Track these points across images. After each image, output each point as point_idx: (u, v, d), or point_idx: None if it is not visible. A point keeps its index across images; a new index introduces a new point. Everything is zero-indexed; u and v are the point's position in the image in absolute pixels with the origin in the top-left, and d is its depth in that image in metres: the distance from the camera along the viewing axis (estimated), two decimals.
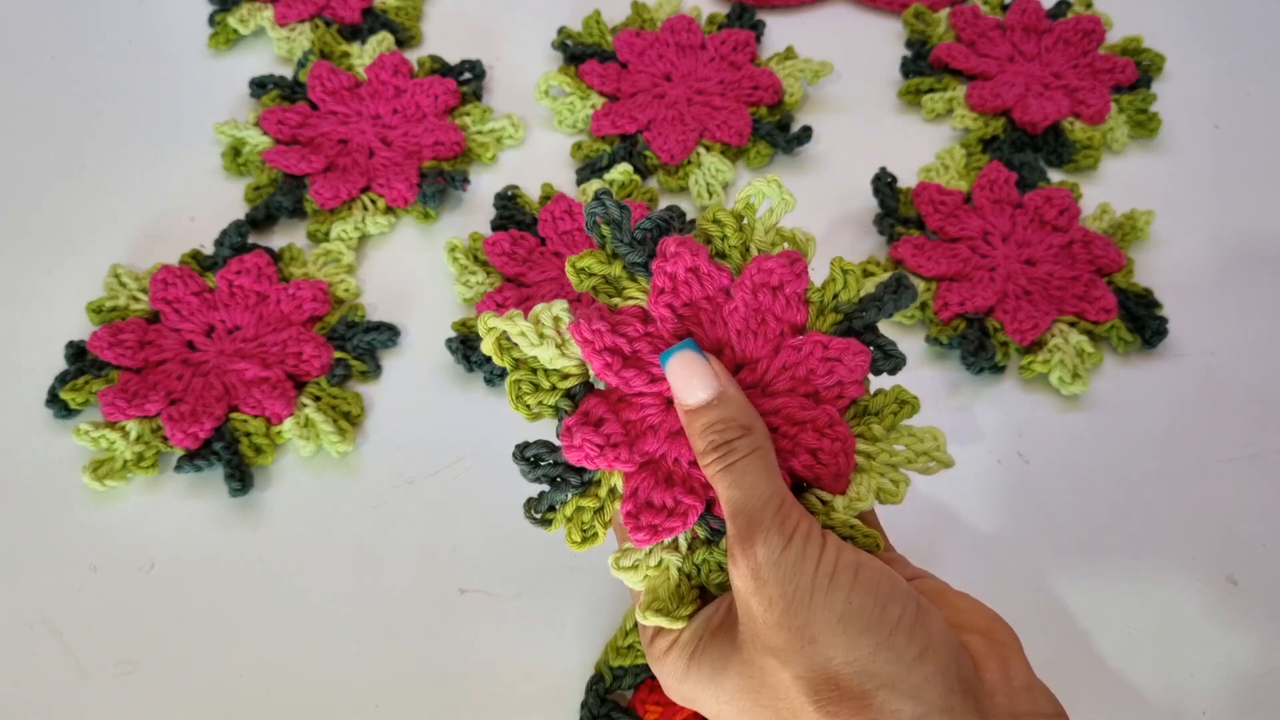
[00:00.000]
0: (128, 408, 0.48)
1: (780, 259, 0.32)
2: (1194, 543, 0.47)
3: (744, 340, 0.32)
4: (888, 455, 0.33)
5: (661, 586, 0.32)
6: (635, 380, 0.32)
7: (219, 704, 0.42)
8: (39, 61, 0.67)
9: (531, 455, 0.32)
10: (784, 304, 0.32)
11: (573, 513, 0.32)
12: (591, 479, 0.32)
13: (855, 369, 0.32)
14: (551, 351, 0.32)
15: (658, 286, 0.32)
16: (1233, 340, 0.53)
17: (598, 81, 0.63)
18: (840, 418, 0.32)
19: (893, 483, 0.33)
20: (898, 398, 0.33)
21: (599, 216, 0.33)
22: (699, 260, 0.32)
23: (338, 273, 0.55)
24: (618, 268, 0.33)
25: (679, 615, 0.31)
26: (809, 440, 0.32)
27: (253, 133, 0.60)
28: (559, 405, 0.32)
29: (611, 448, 0.31)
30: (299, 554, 0.46)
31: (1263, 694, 0.43)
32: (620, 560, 0.32)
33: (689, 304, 0.32)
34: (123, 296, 0.53)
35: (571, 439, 0.31)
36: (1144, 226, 0.56)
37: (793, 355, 0.32)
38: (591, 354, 0.31)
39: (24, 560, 0.46)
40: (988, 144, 0.62)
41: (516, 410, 0.32)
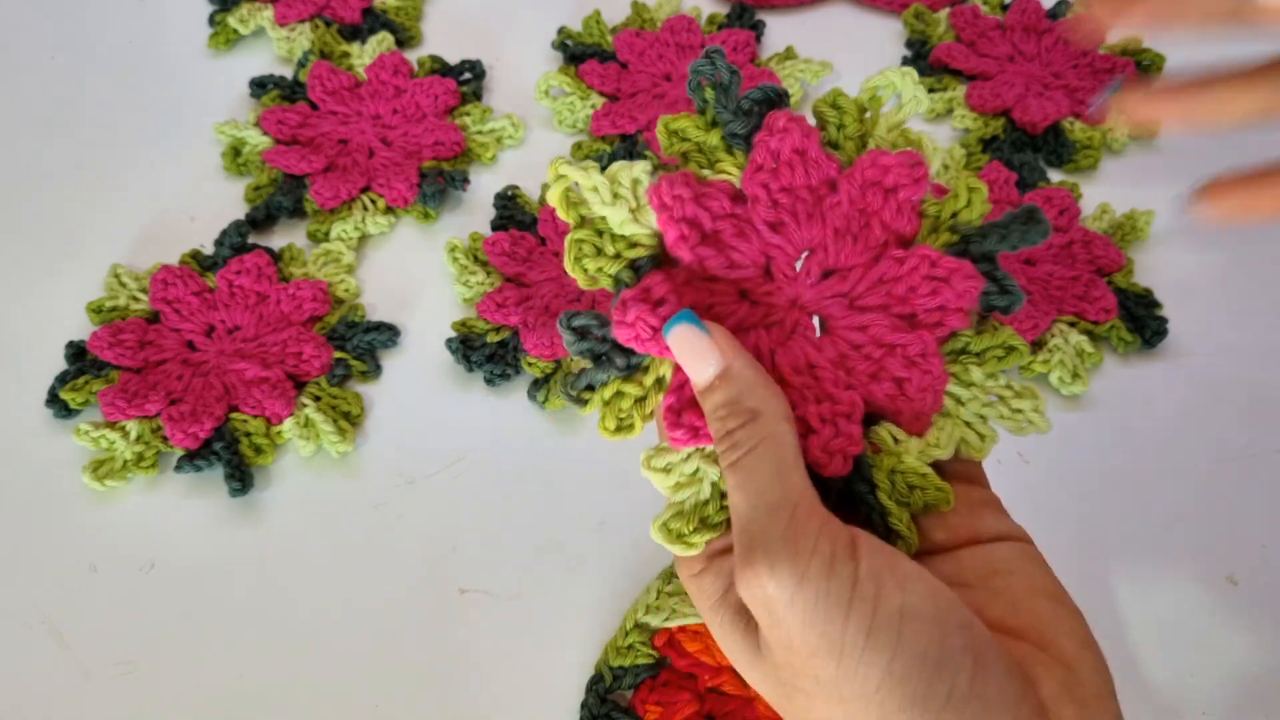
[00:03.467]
0: (128, 408, 0.48)
1: (900, 157, 0.28)
2: (1194, 543, 0.47)
3: (841, 242, 0.28)
4: (980, 404, 0.29)
5: (689, 499, 0.28)
6: (711, 261, 0.28)
7: (219, 704, 0.42)
8: (39, 61, 0.67)
9: (579, 324, 0.29)
10: (895, 209, 0.28)
11: (611, 396, 0.29)
12: (639, 364, 0.29)
13: (963, 295, 0.27)
14: (623, 214, 0.28)
15: (756, 162, 0.28)
16: (1233, 340, 0.53)
17: (598, 81, 0.63)
18: (936, 349, 0.28)
19: (979, 436, 0.29)
20: (1006, 341, 0.29)
21: (705, 77, 0.29)
22: (809, 142, 0.28)
23: (338, 273, 0.55)
24: (715, 136, 0.29)
25: (693, 541, 0.27)
26: (895, 368, 0.28)
27: (253, 133, 0.60)
28: (620, 275, 0.28)
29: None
30: (299, 554, 0.46)
31: (1263, 694, 0.43)
32: (653, 459, 0.28)
33: (787, 189, 0.28)
34: (123, 296, 0.53)
35: (625, 314, 0.27)
36: (1144, 226, 0.56)
37: (894, 267, 0.28)
38: (668, 222, 0.28)
39: (24, 560, 0.46)
40: (988, 144, 0.62)
41: (573, 273, 0.28)
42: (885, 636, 0.23)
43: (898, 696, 0.23)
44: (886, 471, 0.28)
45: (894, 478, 0.28)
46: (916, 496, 0.28)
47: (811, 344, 0.29)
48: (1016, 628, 0.26)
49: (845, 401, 0.28)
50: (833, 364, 0.28)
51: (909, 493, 0.28)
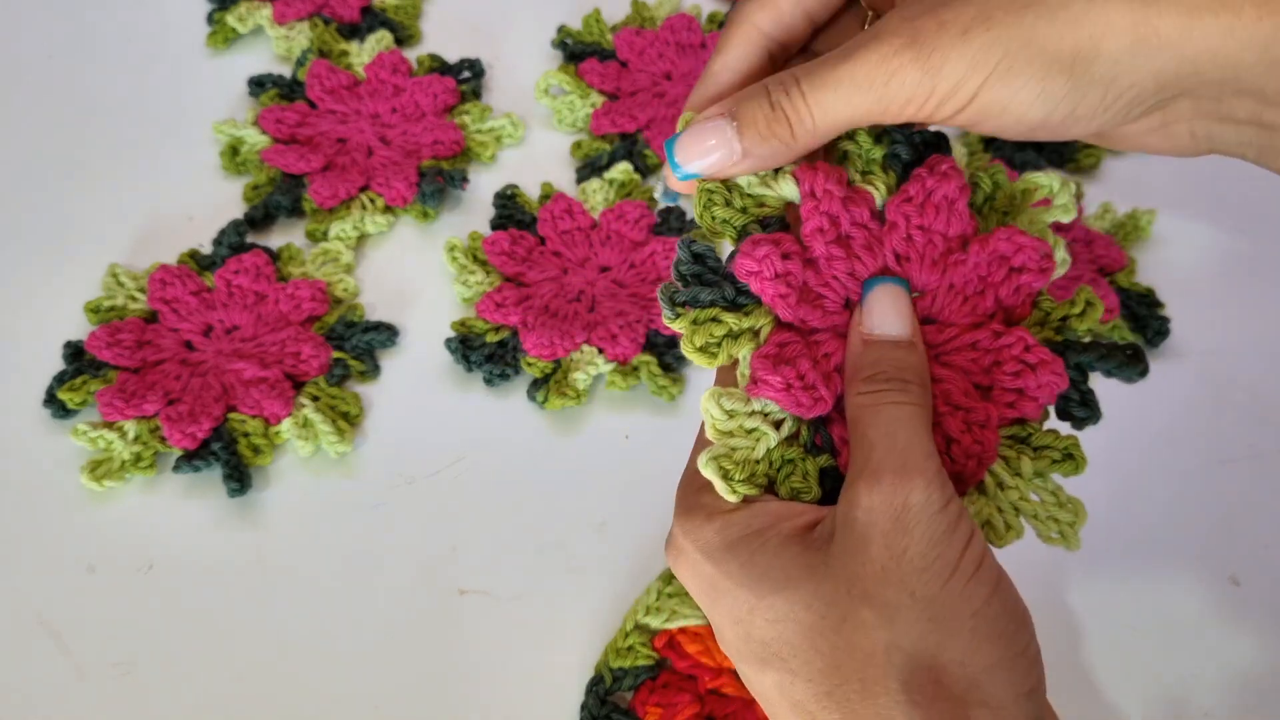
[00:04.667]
0: (125, 408, 0.48)
1: (1036, 242, 0.29)
2: (1196, 543, 0.47)
3: (952, 299, 0.29)
4: (1018, 497, 0.29)
5: (741, 451, 0.28)
6: (838, 263, 0.29)
7: (218, 704, 0.42)
8: (37, 61, 0.67)
9: (698, 249, 0.29)
10: (1013, 288, 0.29)
11: (705, 319, 0.29)
12: (743, 305, 0.29)
13: (1045, 387, 0.28)
14: (755, 176, 0.29)
15: (907, 193, 0.29)
16: (1235, 340, 0.53)
17: (597, 80, 0.63)
18: (997, 425, 0.28)
19: (1005, 525, 0.29)
20: (1067, 448, 0.29)
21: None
22: (961, 196, 0.29)
23: (336, 272, 0.55)
24: (879, 151, 0.30)
25: (737, 487, 0.28)
26: (952, 427, 0.28)
27: (251, 131, 0.60)
28: (746, 228, 0.29)
29: (785, 284, 0.28)
30: (298, 554, 0.46)
31: (1265, 695, 0.43)
32: (722, 399, 0.29)
33: (924, 229, 0.29)
34: (120, 296, 0.53)
35: (754, 250, 0.28)
36: (1146, 226, 0.56)
37: (989, 339, 0.29)
38: (811, 210, 0.29)
39: (21, 561, 0.46)
40: (989, 143, 0.62)
41: (700, 219, 0.29)
42: (988, 576, 0.25)
43: (991, 628, 0.25)
44: None
45: None
46: None
47: None
48: None
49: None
50: None
51: None
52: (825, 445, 0.29)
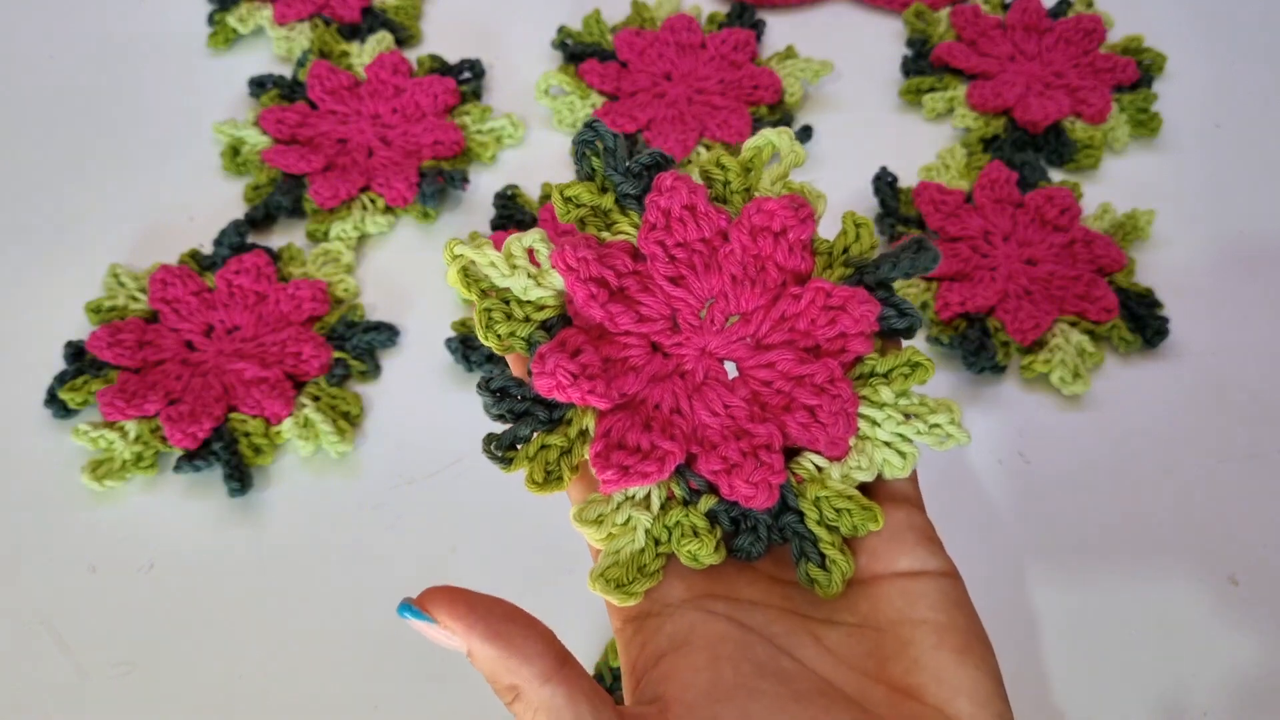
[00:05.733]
0: (126, 408, 0.48)
1: (783, 201, 0.29)
2: (1195, 543, 0.47)
3: (740, 289, 0.30)
4: (895, 423, 0.29)
5: (625, 549, 0.29)
6: (621, 317, 0.29)
7: (218, 704, 0.42)
8: (38, 61, 0.67)
9: (497, 386, 0.29)
10: (786, 250, 0.29)
11: (536, 451, 0.29)
12: (562, 416, 0.29)
13: (861, 320, 0.29)
14: (524, 281, 0.29)
15: (650, 222, 0.30)
16: (1234, 340, 0.53)
17: (598, 81, 0.63)
18: (842, 373, 0.29)
19: (899, 454, 0.29)
20: (910, 359, 0.29)
21: (588, 148, 0.30)
22: (696, 198, 0.29)
23: (337, 272, 0.55)
24: (609, 200, 0.30)
25: (633, 590, 0.28)
26: (805, 397, 0.29)
27: (252, 132, 0.60)
28: (533, 337, 0.29)
29: (587, 378, 0.28)
30: (298, 554, 0.46)
31: (1264, 694, 0.43)
32: (584, 512, 0.29)
33: (682, 244, 0.30)
34: (121, 296, 0.53)
35: (544, 365, 0.28)
36: (1145, 226, 0.56)
37: (792, 304, 0.29)
38: (576, 283, 0.29)
39: (23, 560, 0.46)
40: (989, 143, 0.62)
41: (485, 340, 0.29)
42: None
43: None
44: (812, 499, 0.29)
45: (819, 503, 0.29)
46: (844, 519, 0.29)
47: (725, 387, 0.30)
48: (916, 686, 0.27)
49: (762, 434, 0.29)
50: (746, 402, 0.29)
51: (836, 516, 0.29)
52: (701, 486, 0.29)
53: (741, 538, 0.29)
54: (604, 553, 0.29)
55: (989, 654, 0.28)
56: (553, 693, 0.25)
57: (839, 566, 0.28)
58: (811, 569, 0.29)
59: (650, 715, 0.26)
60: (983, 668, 0.27)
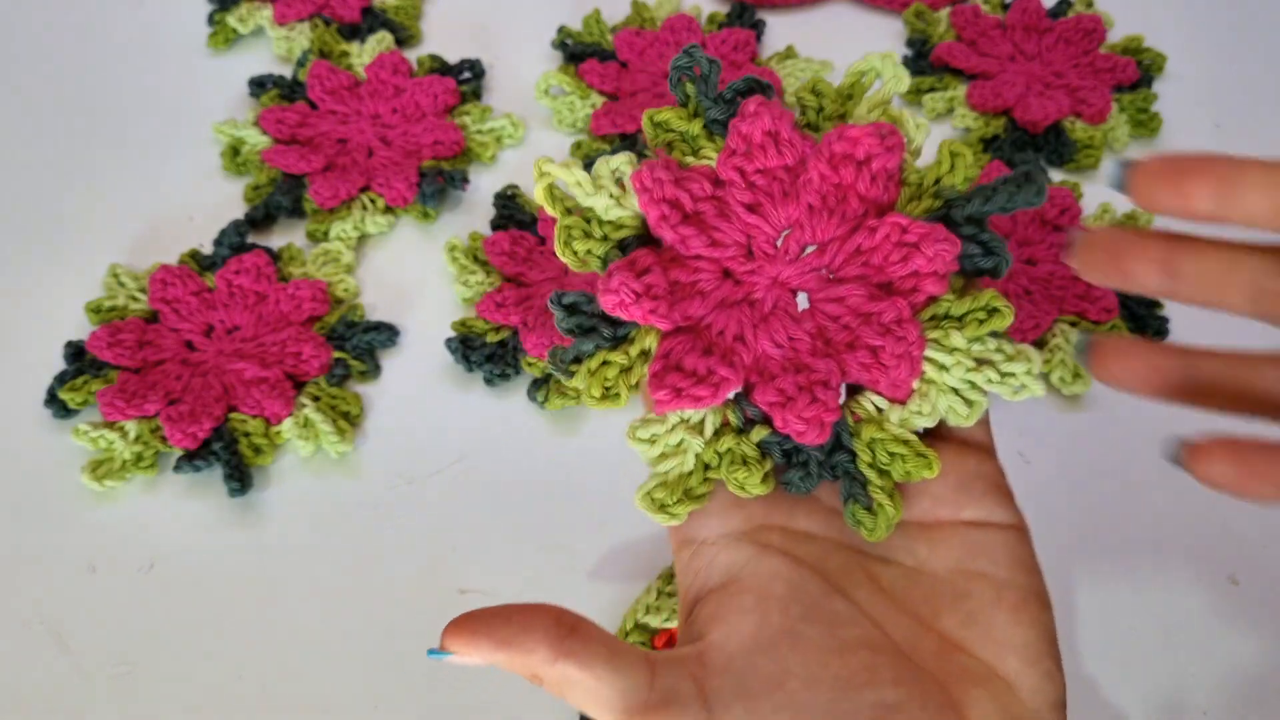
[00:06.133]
0: (126, 408, 0.48)
1: (868, 128, 0.28)
2: (1195, 542, 0.47)
3: (817, 218, 0.29)
4: (965, 370, 0.28)
5: (673, 470, 0.29)
6: (693, 240, 0.29)
7: (218, 704, 0.42)
8: (38, 61, 0.67)
9: (569, 301, 0.29)
10: (869, 180, 0.28)
11: (597, 366, 0.29)
12: (626, 334, 0.29)
13: (936, 259, 0.27)
14: (607, 201, 0.29)
15: (730, 147, 0.29)
16: (1234, 340, 0.53)
17: (598, 80, 0.63)
18: (911, 315, 0.28)
19: (965, 402, 0.28)
20: (988, 304, 0.28)
21: (684, 73, 0.29)
22: (780, 125, 0.28)
23: (337, 272, 0.55)
24: (697, 126, 0.30)
25: (677, 511, 0.29)
26: (870, 336, 0.28)
27: (252, 132, 0.60)
28: (608, 255, 0.29)
29: (650, 298, 0.28)
30: (299, 554, 0.46)
31: (1264, 694, 0.43)
32: (638, 429, 0.29)
33: (763, 171, 0.29)
34: (121, 296, 0.53)
35: (609, 282, 0.28)
36: (1145, 226, 0.56)
37: (867, 238, 0.28)
38: (649, 203, 0.29)
39: (22, 560, 0.46)
40: (989, 143, 0.62)
41: (563, 256, 0.29)
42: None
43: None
44: (866, 440, 0.28)
45: (874, 445, 0.28)
46: (897, 465, 0.28)
47: (792, 318, 0.29)
48: (967, 639, 0.27)
49: (821, 370, 0.28)
50: (811, 336, 0.29)
51: (890, 460, 0.28)
52: (755, 416, 0.29)
53: (791, 472, 0.29)
54: (653, 472, 0.29)
55: (1045, 612, 0.28)
56: (563, 668, 0.25)
57: (885, 512, 0.28)
58: (858, 511, 0.28)
59: (687, 660, 0.26)
60: (1036, 627, 0.27)
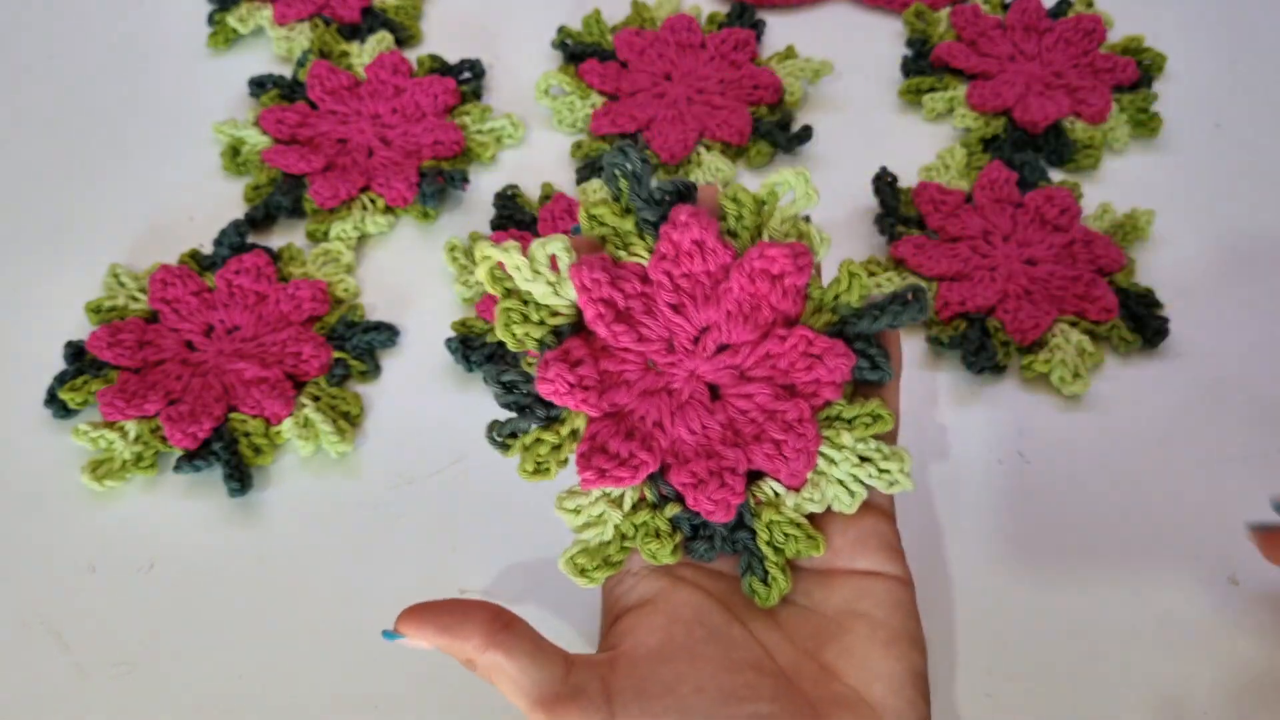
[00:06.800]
0: (126, 408, 0.48)
1: (784, 248, 0.32)
2: (1195, 542, 0.47)
3: (733, 323, 0.33)
4: (850, 465, 0.33)
5: (594, 539, 0.33)
6: (624, 336, 0.32)
7: (219, 704, 0.42)
8: (37, 61, 0.67)
9: (507, 380, 0.33)
10: (780, 294, 0.32)
11: (531, 443, 0.33)
12: (558, 416, 0.33)
13: (834, 371, 0.32)
14: (544, 288, 0.32)
15: (660, 252, 0.32)
16: (1234, 340, 0.53)
17: (597, 81, 0.63)
18: (811, 416, 0.32)
19: (849, 493, 0.33)
20: (873, 412, 0.33)
21: (618, 169, 0.33)
22: (706, 235, 0.32)
23: (337, 272, 0.55)
24: (630, 223, 0.33)
25: (594, 577, 0.33)
26: (774, 431, 0.32)
27: (252, 132, 0.60)
28: (544, 340, 0.33)
29: (582, 389, 0.32)
30: (299, 554, 0.46)
31: (1264, 695, 0.43)
32: (565, 500, 0.33)
33: (687, 275, 0.33)
34: (121, 296, 0.53)
35: (546, 372, 0.32)
36: (1145, 226, 0.56)
37: (777, 345, 0.33)
38: (586, 302, 0.32)
39: (22, 560, 0.46)
40: (988, 143, 0.62)
41: (503, 337, 0.32)
42: None
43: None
44: (765, 521, 0.33)
45: (771, 527, 0.33)
46: (791, 544, 0.33)
47: (705, 408, 0.33)
48: (842, 669, 0.31)
49: (730, 458, 0.32)
50: (722, 426, 0.33)
51: (784, 540, 0.33)
52: (669, 494, 0.33)
53: (697, 543, 0.33)
54: (575, 540, 0.33)
55: (914, 652, 0.32)
56: (493, 656, 0.30)
57: (778, 584, 0.33)
58: (754, 581, 0.33)
59: (601, 663, 0.31)
60: (904, 661, 0.31)
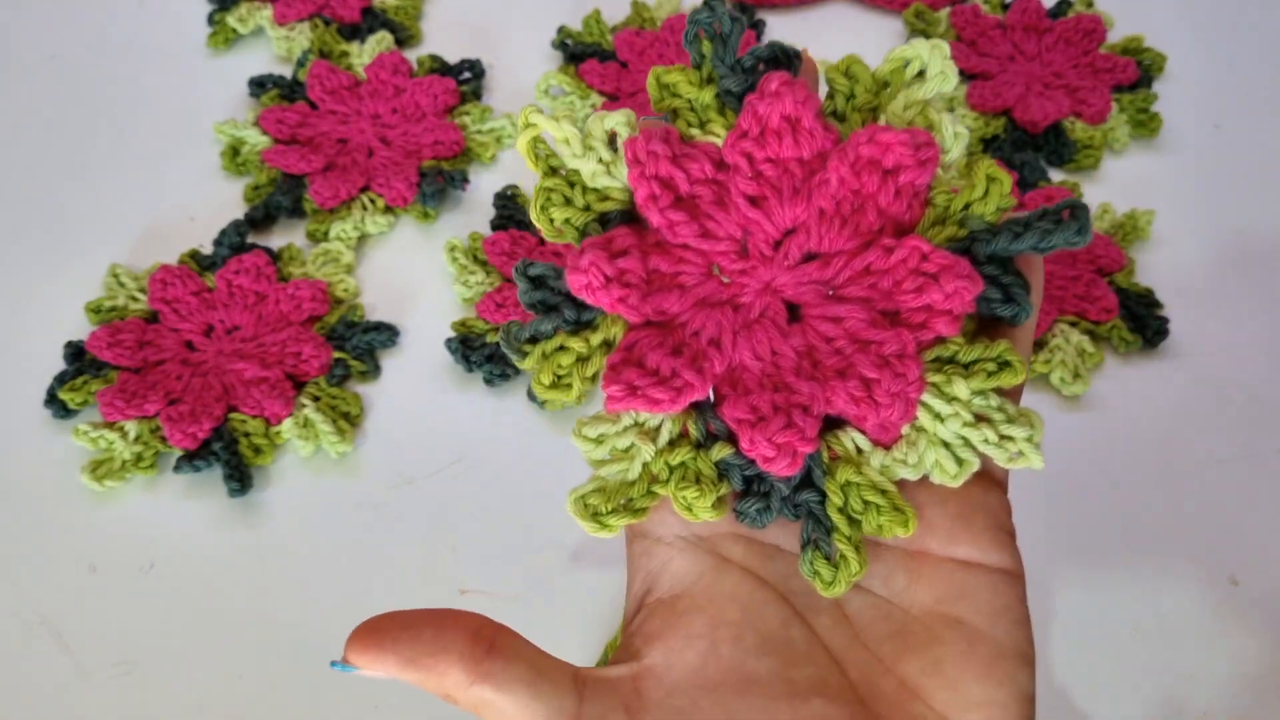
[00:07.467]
0: (126, 408, 0.48)
1: (902, 134, 0.24)
2: (1195, 543, 0.47)
3: (826, 225, 0.25)
4: (962, 423, 0.24)
5: (615, 476, 0.26)
6: (682, 228, 0.25)
7: (218, 704, 0.42)
8: (38, 61, 0.67)
9: (535, 273, 0.26)
10: (893, 194, 0.25)
11: (552, 351, 0.26)
12: (591, 320, 0.26)
13: (954, 296, 0.24)
14: (594, 166, 0.26)
15: (741, 128, 0.25)
16: (1234, 340, 0.53)
17: (598, 81, 0.63)
18: (915, 352, 0.24)
19: (956, 460, 0.25)
20: (1000, 356, 0.24)
21: (703, 27, 0.26)
22: (803, 111, 0.25)
23: (337, 272, 0.55)
24: (709, 94, 0.26)
25: (610, 523, 0.26)
26: (865, 366, 0.24)
27: (252, 132, 0.60)
28: (588, 228, 0.26)
29: (621, 285, 0.25)
30: (298, 554, 0.46)
31: (1264, 695, 0.43)
32: (585, 426, 0.26)
33: (774, 161, 0.25)
34: (121, 296, 0.53)
35: (579, 260, 0.25)
36: (1145, 226, 0.56)
37: (881, 258, 0.25)
38: (638, 178, 0.25)
39: (23, 560, 0.46)
40: (988, 143, 0.62)
41: (538, 222, 0.26)
42: None
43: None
44: (841, 482, 0.25)
45: (847, 489, 0.25)
46: (871, 516, 0.25)
47: (779, 331, 0.26)
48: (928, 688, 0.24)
49: (804, 392, 0.25)
50: (798, 354, 0.25)
51: (863, 509, 0.25)
52: (720, 432, 0.26)
53: (748, 501, 0.25)
54: (593, 475, 0.26)
55: (1022, 671, 0.24)
56: (480, 692, 0.24)
57: (849, 566, 0.25)
58: (817, 560, 0.25)
59: (622, 686, 0.24)
60: (1008, 685, 0.24)
